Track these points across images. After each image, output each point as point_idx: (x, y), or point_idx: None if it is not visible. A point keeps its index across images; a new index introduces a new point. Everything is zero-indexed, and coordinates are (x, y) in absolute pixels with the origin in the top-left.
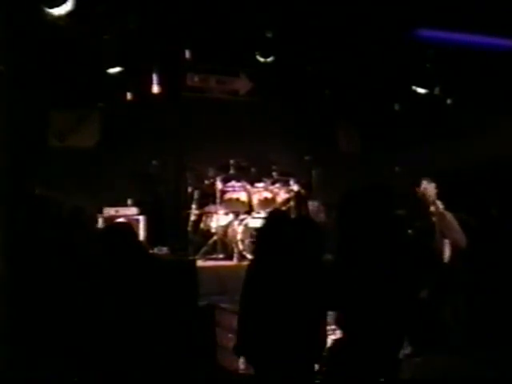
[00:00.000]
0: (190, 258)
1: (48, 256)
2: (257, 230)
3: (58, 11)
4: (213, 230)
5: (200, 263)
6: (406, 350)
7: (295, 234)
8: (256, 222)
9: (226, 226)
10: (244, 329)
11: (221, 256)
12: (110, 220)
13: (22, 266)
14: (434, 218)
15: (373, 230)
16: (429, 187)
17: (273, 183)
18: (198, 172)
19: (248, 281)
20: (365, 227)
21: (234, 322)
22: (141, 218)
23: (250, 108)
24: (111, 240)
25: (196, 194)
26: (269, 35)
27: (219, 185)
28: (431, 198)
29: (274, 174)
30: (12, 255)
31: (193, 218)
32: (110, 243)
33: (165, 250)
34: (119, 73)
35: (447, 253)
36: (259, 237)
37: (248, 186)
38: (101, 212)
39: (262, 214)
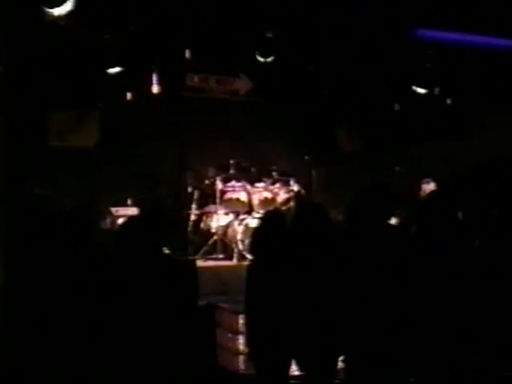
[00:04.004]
0: (190, 258)
1: (49, 255)
2: (252, 232)
3: (58, 11)
4: (213, 230)
5: (200, 263)
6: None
7: (300, 229)
8: (256, 222)
9: (226, 226)
10: (257, 336)
11: (221, 256)
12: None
13: (22, 266)
14: None
15: (374, 230)
16: (428, 188)
17: (273, 183)
18: (198, 172)
19: (251, 285)
20: (366, 228)
21: (234, 322)
22: None
23: (250, 108)
24: (128, 234)
25: (196, 194)
26: (269, 35)
27: (219, 185)
28: None
29: (274, 173)
30: (12, 255)
31: (193, 217)
32: (126, 238)
33: (165, 250)
34: (119, 73)
35: None
36: (254, 239)
37: (248, 186)
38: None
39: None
